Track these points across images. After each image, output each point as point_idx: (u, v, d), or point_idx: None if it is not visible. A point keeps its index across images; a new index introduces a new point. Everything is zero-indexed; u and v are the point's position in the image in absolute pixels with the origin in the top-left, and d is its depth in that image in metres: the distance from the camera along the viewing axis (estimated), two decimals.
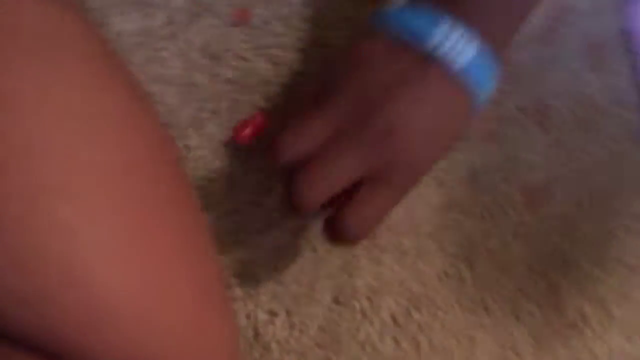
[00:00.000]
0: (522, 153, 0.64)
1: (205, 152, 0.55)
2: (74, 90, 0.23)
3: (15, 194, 0.22)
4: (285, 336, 0.53)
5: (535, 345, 0.66)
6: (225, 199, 0.55)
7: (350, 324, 0.56)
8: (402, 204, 0.59)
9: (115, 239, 0.24)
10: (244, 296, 0.53)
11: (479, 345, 0.62)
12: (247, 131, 0.48)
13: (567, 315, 0.68)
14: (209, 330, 0.30)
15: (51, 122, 0.23)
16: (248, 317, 0.53)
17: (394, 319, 0.58)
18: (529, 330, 0.65)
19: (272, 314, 0.53)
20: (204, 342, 0.29)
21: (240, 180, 0.55)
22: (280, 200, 0.54)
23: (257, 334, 0.53)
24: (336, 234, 0.33)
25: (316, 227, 0.55)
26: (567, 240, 0.68)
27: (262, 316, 0.53)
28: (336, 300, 0.56)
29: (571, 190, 0.68)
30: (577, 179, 0.68)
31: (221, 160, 0.55)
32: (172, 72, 0.54)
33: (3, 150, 0.22)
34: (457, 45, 0.33)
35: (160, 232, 0.28)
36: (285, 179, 0.35)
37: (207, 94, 0.55)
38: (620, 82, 0.69)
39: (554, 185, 0.66)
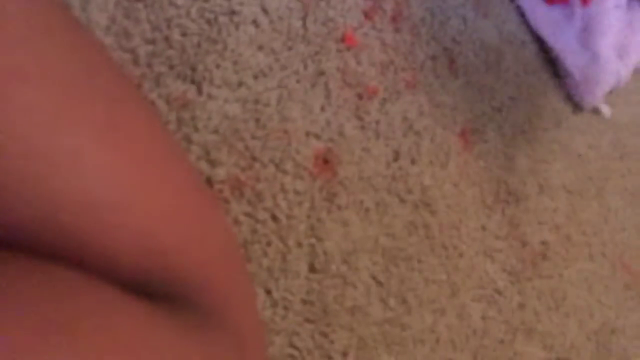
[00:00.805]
0: (443, 97, 0.65)
1: None
2: None
3: None
4: (269, 316, 0.47)
5: (512, 280, 0.64)
6: None
7: (334, 292, 0.51)
8: (350, 162, 0.57)
9: (96, 120, 0.22)
10: None
11: (460, 288, 0.60)
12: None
13: (533, 246, 0.68)
14: (212, 218, 0.27)
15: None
16: None
17: (375, 279, 0.54)
18: (502, 266, 0.64)
19: None
20: (210, 230, 0.26)
21: None
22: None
23: None
24: None
25: (272, 194, 0.51)
26: (509, 174, 0.69)
27: None
28: (313, 269, 0.51)
29: (498, 126, 0.70)
30: (500, 115, 0.71)
31: None
32: None
33: None
34: None
35: (139, 117, 0.26)
36: None
37: None
38: (510, 26, 0.75)
39: (482, 124, 0.69)
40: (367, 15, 0.64)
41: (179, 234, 0.24)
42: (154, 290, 0.23)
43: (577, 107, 0.82)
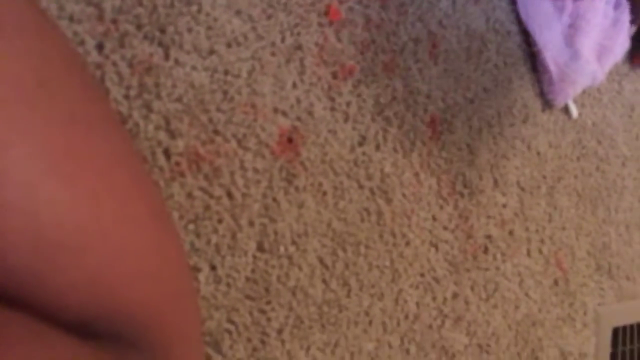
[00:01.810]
0: (419, 84, 0.64)
1: None
2: None
3: None
4: (211, 291, 0.48)
5: (451, 270, 0.67)
6: None
7: (278, 271, 0.52)
8: (314, 143, 0.56)
9: (53, 151, 0.20)
10: None
11: (401, 275, 0.62)
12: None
13: (476, 239, 0.70)
14: (168, 251, 0.26)
15: None
16: None
17: (321, 261, 0.56)
18: (444, 256, 0.67)
19: (195, 269, 0.47)
20: (165, 264, 0.25)
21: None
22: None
23: None
24: None
25: (230, 171, 0.50)
26: (469, 167, 0.70)
27: None
28: (261, 248, 0.51)
29: (467, 117, 0.70)
30: (471, 107, 0.70)
31: None
32: None
33: None
34: None
35: (104, 141, 0.23)
36: None
37: None
38: (499, 14, 0.73)
39: (452, 114, 0.68)
40: None
41: (130, 270, 0.23)
42: (100, 329, 0.23)
43: (546, 104, 0.83)
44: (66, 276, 0.21)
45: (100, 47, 0.44)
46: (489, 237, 0.73)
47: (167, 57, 0.47)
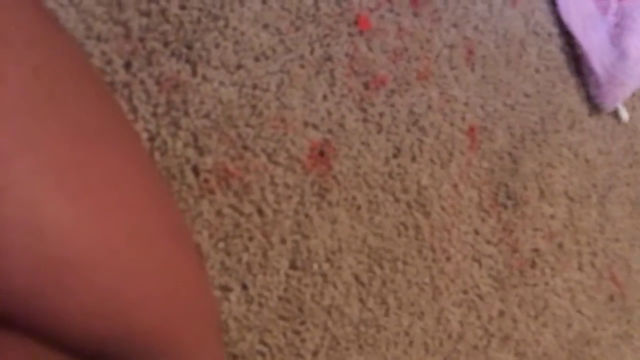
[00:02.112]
0: (456, 92, 0.61)
1: None
2: None
3: None
4: (243, 312, 0.46)
5: (496, 286, 0.63)
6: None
7: (312, 290, 0.50)
8: (347, 156, 0.55)
9: (60, 165, 0.19)
10: None
11: (443, 292, 0.59)
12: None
13: (523, 254, 0.67)
14: (185, 270, 0.24)
15: None
16: None
17: (357, 279, 0.53)
18: (488, 272, 0.63)
19: (226, 289, 0.46)
20: (181, 284, 0.23)
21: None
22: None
23: None
24: None
25: (260, 187, 0.48)
26: (511, 177, 0.66)
27: (214, 293, 0.45)
28: (294, 266, 0.50)
29: (508, 125, 0.67)
30: (512, 114, 0.67)
31: None
32: None
33: None
34: None
35: (116, 153, 0.22)
36: None
37: None
38: (539, 16, 0.70)
39: (492, 122, 0.65)
40: None
41: (143, 291, 0.22)
42: (109, 353, 0.21)
43: (594, 109, 0.78)
44: (74, 298, 0.20)
45: (127, 65, 0.44)
46: (536, 250, 0.69)
47: (194, 73, 0.47)
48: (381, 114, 0.58)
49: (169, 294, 0.24)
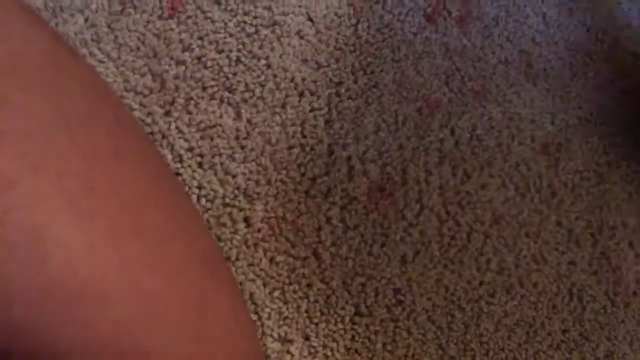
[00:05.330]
0: (519, 108, 0.55)
1: None
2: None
3: None
4: None
5: (602, 322, 0.54)
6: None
7: (383, 338, 0.44)
8: (409, 188, 0.50)
9: (69, 187, 0.17)
10: None
11: (538, 332, 0.50)
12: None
13: (628, 284, 0.57)
14: (216, 303, 0.21)
15: None
16: None
17: (434, 323, 0.46)
18: (591, 306, 0.54)
19: (286, 341, 0.41)
20: (211, 319, 0.21)
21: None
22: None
23: None
24: None
25: (316, 228, 0.44)
26: (602, 197, 0.58)
27: (273, 345, 0.40)
28: (359, 312, 0.44)
29: (585, 139, 0.59)
30: (588, 127, 0.60)
31: None
32: None
33: None
34: None
35: (134, 173, 0.20)
36: None
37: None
38: (600, 22, 0.63)
39: (566, 137, 0.58)
40: (429, 18, 0.55)
41: (166, 331, 0.18)
42: None
43: None
44: (83, 335, 0.16)
45: (167, 114, 0.43)
46: (638, 281, 0.59)
47: (239, 116, 0.45)
48: (441, 140, 0.53)
49: (197, 331, 0.20)
